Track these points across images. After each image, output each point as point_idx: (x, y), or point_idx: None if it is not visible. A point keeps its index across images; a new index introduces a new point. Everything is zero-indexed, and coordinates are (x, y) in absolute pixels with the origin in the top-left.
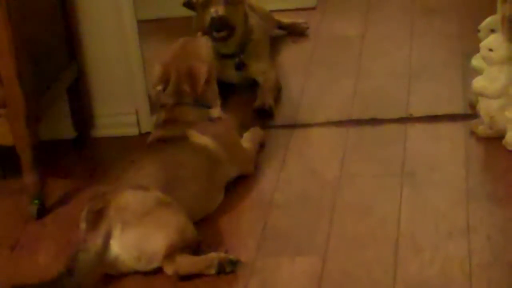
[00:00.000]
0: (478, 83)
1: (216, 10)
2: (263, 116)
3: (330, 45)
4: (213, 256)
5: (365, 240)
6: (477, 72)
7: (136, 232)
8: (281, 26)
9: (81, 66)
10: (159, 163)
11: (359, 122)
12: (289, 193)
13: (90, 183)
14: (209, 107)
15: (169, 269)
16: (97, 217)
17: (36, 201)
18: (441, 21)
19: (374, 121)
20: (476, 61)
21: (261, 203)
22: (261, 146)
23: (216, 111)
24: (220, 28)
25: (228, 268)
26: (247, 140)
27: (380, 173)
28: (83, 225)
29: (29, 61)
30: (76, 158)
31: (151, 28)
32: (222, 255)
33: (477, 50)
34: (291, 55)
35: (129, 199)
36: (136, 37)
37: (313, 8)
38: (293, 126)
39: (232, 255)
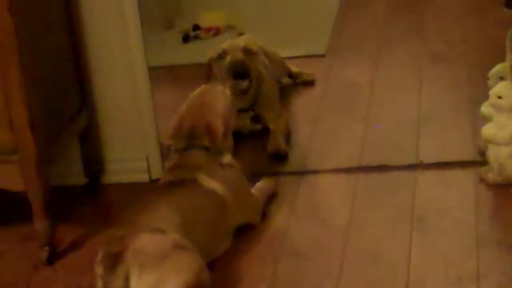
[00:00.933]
0: (487, 130)
1: (235, 55)
2: (278, 160)
3: (339, 92)
4: None
5: (375, 286)
6: (486, 119)
7: (154, 276)
8: (290, 74)
9: (92, 112)
10: (172, 205)
11: (368, 169)
12: (299, 240)
13: (100, 229)
14: (221, 153)
15: None
16: (114, 261)
17: (47, 247)
18: (449, 68)
19: (383, 168)
20: (485, 108)
21: (271, 250)
22: (273, 195)
23: (227, 158)
24: (240, 72)
25: None
26: (257, 190)
27: (390, 219)
28: (99, 270)
29: (40, 108)
30: (86, 204)
31: (162, 74)
32: None
33: (486, 97)
34: (300, 102)
35: (147, 242)
36: (147, 83)
37: (323, 56)
38: (302, 172)
39: None
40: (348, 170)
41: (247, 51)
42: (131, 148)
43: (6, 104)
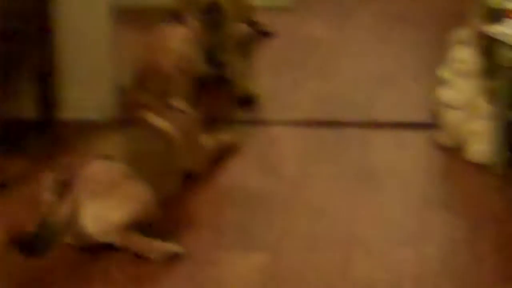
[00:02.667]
0: (444, 93)
1: None
2: (247, 104)
3: (300, 46)
4: (159, 245)
5: (318, 240)
6: (444, 83)
7: (104, 203)
8: (251, 22)
9: (51, 49)
10: (121, 138)
11: (321, 124)
12: (247, 188)
13: (49, 163)
14: (169, 96)
15: (118, 239)
16: (63, 187)
17: None
18: (411, 30)
19: (336, 124)
20: (443, 72)
21: (218, 197)
22: (232, 150)
23: (177, 101)
24: (213, 11)
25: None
26: (213, 140)
27: (339, 175)
28: (46, 195)
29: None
30: (38, 138)
31: (129, 16)
32: (168, 246)
33: (442, 60)
34: (261, 52)
35: (97, 170)
36: (109, 22)
37: (288, 8)
38: (255, 122)
39: (177, 247)
40: (301, 123)
41: None
42: (88, 86)
43: None
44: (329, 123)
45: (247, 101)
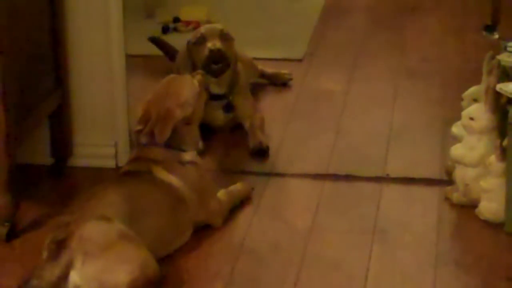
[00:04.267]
0: (456, 150)
1: (214, 44)
2: (260, 156)
3: (312, 98)
4: None
5: None
6: (457, 139)
7: (98, 264)
8: (264, 75)
9: (65, 94)
10: (121, 194)
11: (335, 177)
12: (260, 240)
13: (62, 211)
14: (183, 150)
15: None
16: (58, 247)
17: (7, 224)
18: (424, 85)
19: (350, 178)
20: (456, 129)
21: (231, 248)
22: (245, 200)
23: (189, 155)
24: (218, 61)
25: None
26: (228, 192)
27: (352, 229)
28: (44, 255)
29: (15, 82)
30: (51, 185)
31: (137, 63)
32: None
33: (458, 117)
34: (273, 105)
35: (92, 230)
36: (123, 70)
37: (300, 60)
38: (269, 174)
39: None
40: (315, 177)
41: (224, 36)
42: (101, 133)
43: None
44: (342, 177)
45: (259, 152)
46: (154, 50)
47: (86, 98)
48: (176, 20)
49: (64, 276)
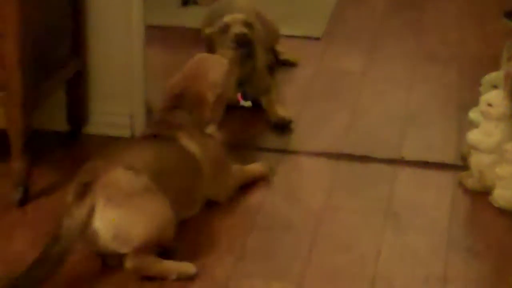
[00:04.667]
0: (473, 136)
1: (238, 28)
2: (283, 129)
3: (329, 78)
4: (173, 268)
5: (342, 274)
6: (473, 125)
7: (118, 212)
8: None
9: (82, 61)
10: (149, 151)
11: (350, 157)
12: (272, 217)
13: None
14: (206, 123)
15: (129, 263)
16: (84, 190)
17: (20, 188)
18: (442, 69)
19: (365, 159)
20: (473, 114)
21: (243, 224)
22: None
23: (210, 129)
24: (243, 45)
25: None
26: (239, 170)
27: (365, 210)
28: (69, 197)
29: (33, 48)
30: (66, 151)
31: (156, 34)
32: (183, 268)
33: (475, 102)
34: (290, 83)
35: (118, 177)
36: (141, 41)
37: (318, 39)
38: (284, 151)
39: (192, 267)
40: (330, 156)
41: (248, 24)
42: (117, 102)
43: None
44: (356, 157)
45: (282, 126)
46: (172, 22)
47: (104, 67)
48: None
49: (89, 216)
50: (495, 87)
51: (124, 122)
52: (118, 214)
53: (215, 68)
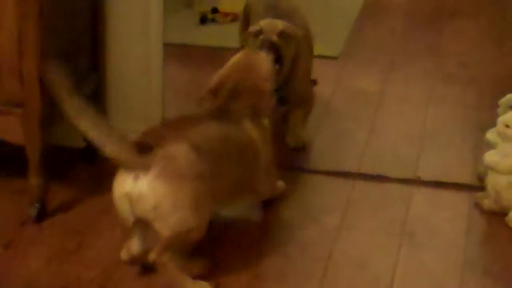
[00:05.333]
0: (490, 157)
1: (268, 37)
2: (297, 151)
3: (347, 97)
4: (189, 285)
5: None
6: (490, 146)
7: (167, 188)
8: None
9: (101, 78)
10: (217, 134)
11: (366, 177)
12: (288, 235)
13: (92, 194)
14: (263, 115)
15: (156, 256)
16: (143, 149)
17: (37, 204)
18: (460, 90)
19: (381, 178)
20: (490, 135)
21: (259, 241)
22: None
23: (266, 122)
24: (271, 51)
25: None
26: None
27: (380, 230)
28: (125, 153)
29: (52, 65)
30: (82, 168)
31: (174, 52)
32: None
33: (493, 124)
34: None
35: (181, 154)
36: (160, 59)
37: (335, 58)
38: (300, 169)
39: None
40: (346, 175)
41: (283, 34)
42: (135, 118)
43: (19, 55)
44: (373, 177)
45: (296, 149)
46: (190, 40)
47: (122, 84)
48: (215, 10)
49: (140, 178)
50: (511, 108)
51: None
52: (166, 191)
53: (265, 63)
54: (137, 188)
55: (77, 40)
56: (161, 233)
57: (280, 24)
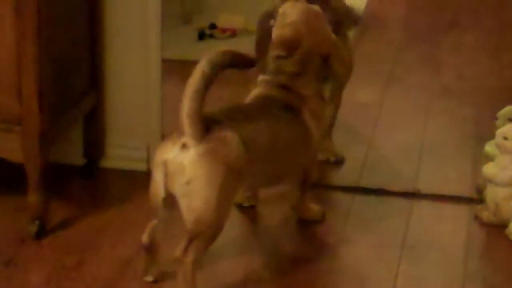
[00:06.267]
0: (488, 169)
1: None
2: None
3: (346, 110)
4: None
5: None
6: (489, 158)
7: (206, 171)
8: None
9: (100, 95)
10: (270, 130)
11: (365, 190)
12: (287, 251)
13: (92, 211)
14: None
15: (178, 251)
16: (202, 122)
17: (37, 221)
18: (458, 103)
19: (380, 192)
20: (489, 147)
21: (259, 255)
22: None
23: (327, 90)
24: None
25: None
26: None
27: (380, 243)
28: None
29: (51, 81)
30: (82, 185)
31: (172, 68)
32: None
33: (491, 136)
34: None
35: (230, 144)
36: (159, 75)
37: None
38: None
39: None
40: (345, 189)
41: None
42: (134, 136)
43: (18, 73)
44: (372, 191)
45: (341, 161)
46: (188, 56)
47: (121, 101)
48: (213, 26)
49: (187, 149)
50: (511, 120)
51: (141, 156)
52: (205, 170)
53: (323, 18)
54: (180, 157)
55: (75, 57)
56: (185, 216)
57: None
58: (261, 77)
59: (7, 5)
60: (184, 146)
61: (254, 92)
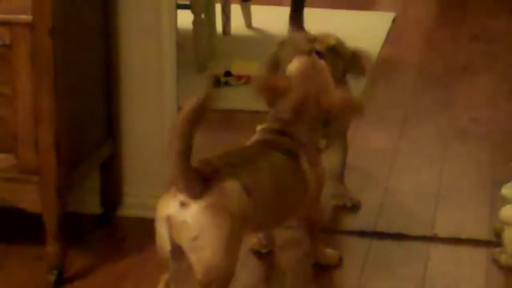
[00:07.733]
0: (505, 212)
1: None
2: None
3: (361, 155)
4: None
5: None
6: (506, 201)
7: (213, 220)
8: None
9: (116, 144)
10: (269, 174)
11: (382, 235)
12: None
13: (110, 260)
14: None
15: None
16: (202, 177)
17: (55, 271)
18: (474, 147)
19: (397, 236)
20: (506, 190)
21: None
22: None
23: (322, 143)
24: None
25: None
26: None
27: None
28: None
29: (68, 133)
30: (99, 234)
31: None
32: None
33: (507, 179)
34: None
35: (232, 193)
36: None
37: None
38: None
39: None
40: (362, 234)
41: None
42: (150, 184)
43: (34, 125)
44: (389, 235)
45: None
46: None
47: (137, 150)
48: (228, 74)
49: (189, 204)
50: None
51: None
52: (211, 225)
53: (325, 72)
54: (183, 215)
55: (92, 108)
56: (195, 267)
57: (333, 39)
58: (259, 126)
59: (24, 57)
60: (184, 203)
61: (253, 138)
